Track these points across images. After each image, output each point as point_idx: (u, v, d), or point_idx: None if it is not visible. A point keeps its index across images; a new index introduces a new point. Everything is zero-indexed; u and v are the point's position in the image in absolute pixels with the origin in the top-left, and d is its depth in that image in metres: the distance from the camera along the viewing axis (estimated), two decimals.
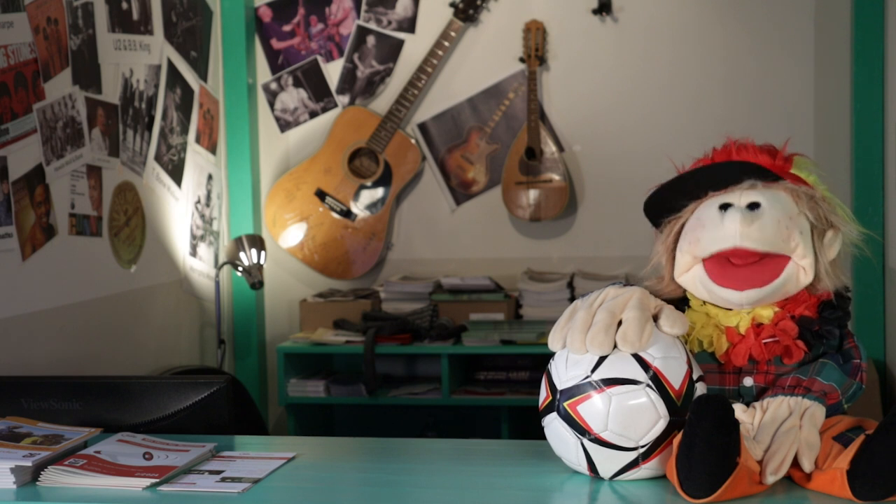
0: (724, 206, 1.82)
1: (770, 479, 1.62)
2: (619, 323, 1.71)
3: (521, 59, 4.46)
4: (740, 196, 1.82)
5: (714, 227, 1.81)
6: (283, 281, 4.71)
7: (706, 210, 1.84)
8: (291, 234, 4.62)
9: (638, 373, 1.68)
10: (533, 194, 4.44)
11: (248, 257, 4.31)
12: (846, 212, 1.86)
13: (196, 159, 4.31)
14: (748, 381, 1.83)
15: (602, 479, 1.74)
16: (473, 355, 4.36)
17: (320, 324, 4.45)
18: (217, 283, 4.35)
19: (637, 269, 4.34)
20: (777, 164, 1.85)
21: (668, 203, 1.89)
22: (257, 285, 4.28)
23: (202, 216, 4.37)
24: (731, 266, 1.81)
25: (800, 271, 1.81)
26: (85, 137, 3.46)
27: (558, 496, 1.75)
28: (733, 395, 1.84)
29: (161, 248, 4.02)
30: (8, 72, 3.03)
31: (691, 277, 1.86)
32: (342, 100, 4.65)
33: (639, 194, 1.96)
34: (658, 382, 1.68)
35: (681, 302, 1.89)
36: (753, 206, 1.80)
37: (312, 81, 4.67)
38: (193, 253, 4.29)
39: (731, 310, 1.84)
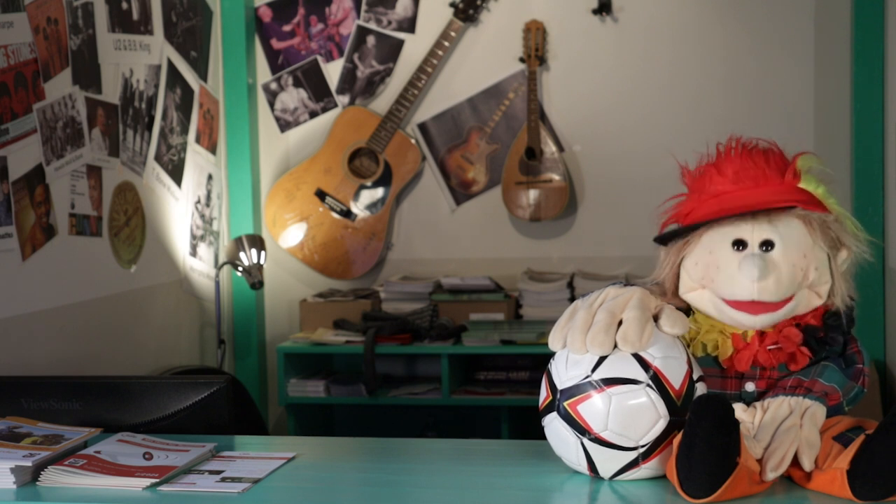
0: (737, 244, 1.80)
1: (770, 475, 1.62)
2: (620, 323, 1.71)
3: (521, 59, 4.46)
4: (752, 230, 1.79)
5: (729, 271, 1.78)
6: (283, 281, 4.71)
7: (718, 244, 1.81)
8: (291, 234, 4.62)
9: (638, 372, 1.68)
10: (533, 194, 4.44)
11: (248, 257, 4.31)
12: (855, 224, 1.85)
13: (196, 159, 4.31)
14: (750, 386, 1.82)
15: (602, 478, 1.74)
16: (473, 355, 4.36)
17: (320, 324, 4.45)
18: (217, 283, 4.35)
19: (637, 269, 4.35)
20: (787, 180, 1.83)
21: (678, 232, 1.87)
22: (257, 285, 4.28)
23: (202, 216, 4.37)
24: None
25: (812, 296, 1.81)
26: (85, 137, 3.46)
27: (558, 496, 1.75)
28: (734, 399, 1.83)
29: (161, 248, 4.02)
30: (8, 72, 3.03)
31: (699, 297, 1.84)
32: (342, 100, 4.65)
33: (639, 194, 1.96)
34: (658, 382, 1.68)
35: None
36: (767, 245, 1.79)
37: (312, 81, 4.67)
38: (193, 253, 4.29)
39: None
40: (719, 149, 1.87)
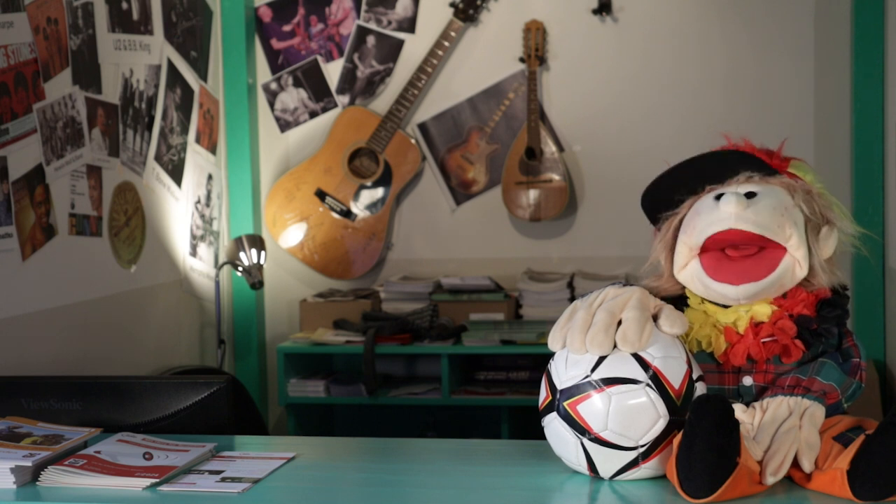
0: (720, 197, 1.83)
1: (770, 479, 1.62)
2: (619, 323, 1.71)
3: (521, 59, 4.46)
4: (737, 187, 1.84)
5: (709, 212, 1.82)
6: (283, 281, 4.71)
7: (703, 202, 1.86)
8: (291, 234, 4.63)
9: (638, 372, 1.68)
10: (533, 194, 4.44)
11: (248, 257, 4.31)
12: (842, 209, 1.86)
13: (196, 159, 4.31)
14: (747, 381, 1.83)
15: (602, 478, 1.74)
16: (473, 355, 4.36)
17: (320, 324, 4.45)
18: (217, 283, 4.35)
19: (637, 269, 4.32)
20: (774, 162, 1.87)
21: (665, 197, 1.90)
22: (257, 285, 4.28)
23: (202, 216, 4.37)
24: (726, 260, 1.81)
25: (795, 265, 1.81)
26: (85, 137, 3.46)
27: (558, 496, 1.75)
28: (733, 394, 1.84)
29: (161, 248, 4.02)
30: (8, 72, 3.03)
31: (689, 274, 1.86)
32: (342, 100, 4.65)
33: (639, 194, 1.97)
34: (658, 382, 1.68)
35: (679, 301, 1.89)
36: (750, 195, 1.82)
37: (312, 81, 4.67)
38: (193, 253, 4.29)
39: (728, 307, 1.84)
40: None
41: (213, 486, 1.81)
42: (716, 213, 1.81)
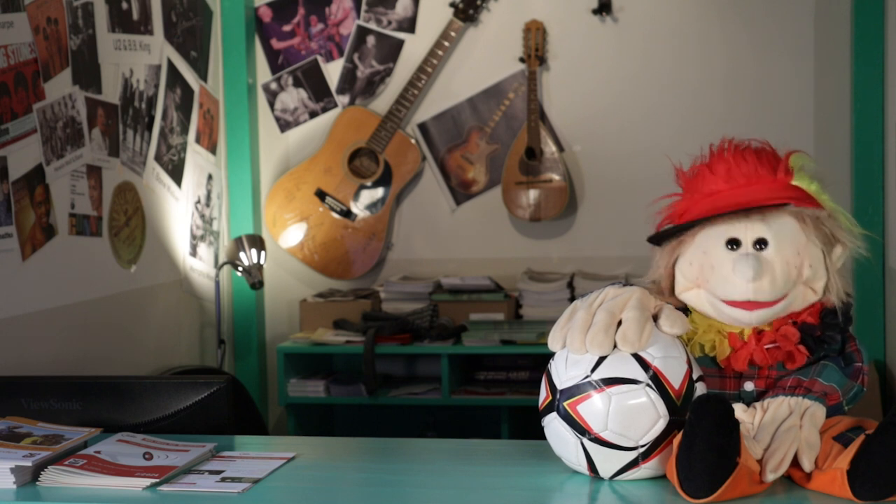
0: (731, 243, 1.80)
1: (770, 476, 1.62)
2: (619, 323, 1.71)
3: (521, 59, 4.46)
4: (746, 229, 1.80)
5: (723, 271, 1.79)
6: (283, 281, 4.71)
7: (712, 244, 1.82)
8: (291, 234, 4.63)
9: (638, 372, 1.68)
10: (533, 194, 4.44)
11: (248, 257, 4.31)
12: (849, 220, 1.85)
13: (196, 159, 4.31)
14: (749, 386, 1.82)
15: (602, 478, 1.74)
16: (473, 355, 4.36)
17: (320, 324, 4.45)
18: (217, 283, 4.35)
19: (637, 269, 4.34)
20: (779, 178, 1.84)
21: (672, 234, 1.88)
22: (257, 285, 4.28)
23: (202, 216, 4.37)
24: None
25: (807, 291, 1.81)
26: (85, 137, 3.46)
27: (558, 496, 1.75)
28: (734, 399, 1.83)
29: (161, 248, 4.02)
30: (8, 72, 3.03)
31: (696, 296, 1.84)
32: (342, 100, 4.65)
33: (639, 194, 1.97)
34: (658, 382, 1.68)
35: (682, 307, 1.89)
36: (761, 244, 1.79)
37: (312, 81, 4.67)
38: (193, 253, 4.29)
39: None
40: (712, 149, 1.88)
41: (213, 486, 1.81)
42: (731, 280, 1.78)
